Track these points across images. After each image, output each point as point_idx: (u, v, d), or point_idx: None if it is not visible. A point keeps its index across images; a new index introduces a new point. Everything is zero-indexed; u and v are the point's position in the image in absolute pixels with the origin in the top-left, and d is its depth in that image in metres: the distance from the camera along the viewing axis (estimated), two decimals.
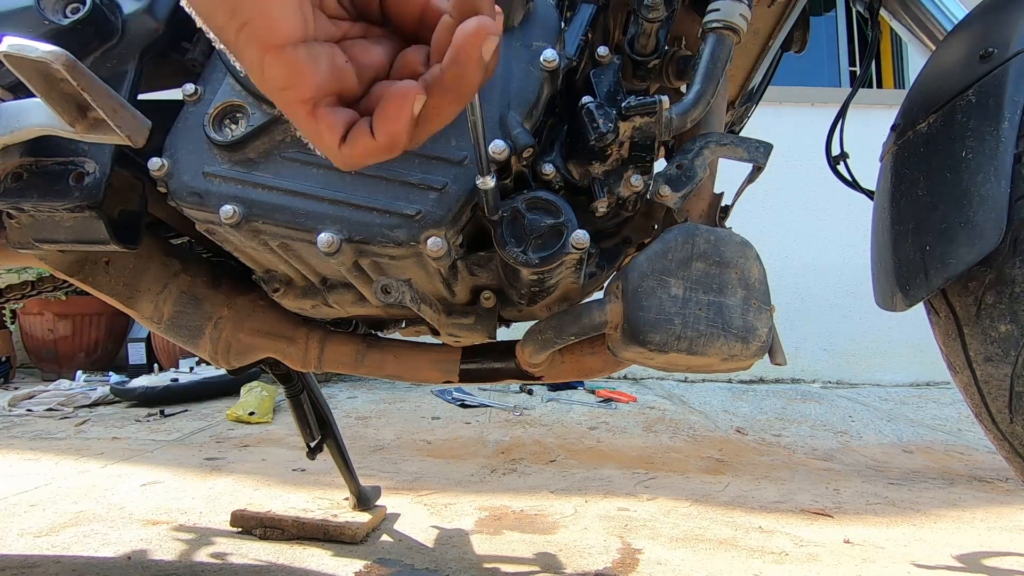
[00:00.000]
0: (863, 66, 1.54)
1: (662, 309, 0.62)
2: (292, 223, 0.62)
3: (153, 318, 0.86)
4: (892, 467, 1.98)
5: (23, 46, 0.43)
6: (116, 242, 0.71)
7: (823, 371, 3.72)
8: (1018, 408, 0.74)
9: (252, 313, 0.87)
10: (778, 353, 0.69)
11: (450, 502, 1.50)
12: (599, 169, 0.65)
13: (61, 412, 2.57)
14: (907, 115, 0.86)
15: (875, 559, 1.21)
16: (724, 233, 0.66)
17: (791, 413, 2.78)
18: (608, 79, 0.66)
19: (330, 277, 0.74)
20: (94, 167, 0.67)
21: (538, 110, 0.62)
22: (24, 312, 3.53)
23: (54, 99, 0.48)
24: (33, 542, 1.20)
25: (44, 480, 1.62)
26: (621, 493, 1.61)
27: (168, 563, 1.12)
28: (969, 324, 0.76)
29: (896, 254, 0.82)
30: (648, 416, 2.63)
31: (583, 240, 0.59)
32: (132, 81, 0.67)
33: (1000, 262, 0.72)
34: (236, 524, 1.26)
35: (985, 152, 0.72)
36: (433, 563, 1.14)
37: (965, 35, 0.84)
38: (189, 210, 0.65)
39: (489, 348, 0.84)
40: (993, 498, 1.66)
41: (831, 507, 1.54)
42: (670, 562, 1.17)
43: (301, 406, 1.19)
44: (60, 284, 1.25)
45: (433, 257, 0.60)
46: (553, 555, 1.19)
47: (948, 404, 3.03)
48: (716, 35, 0.67)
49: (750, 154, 0.71)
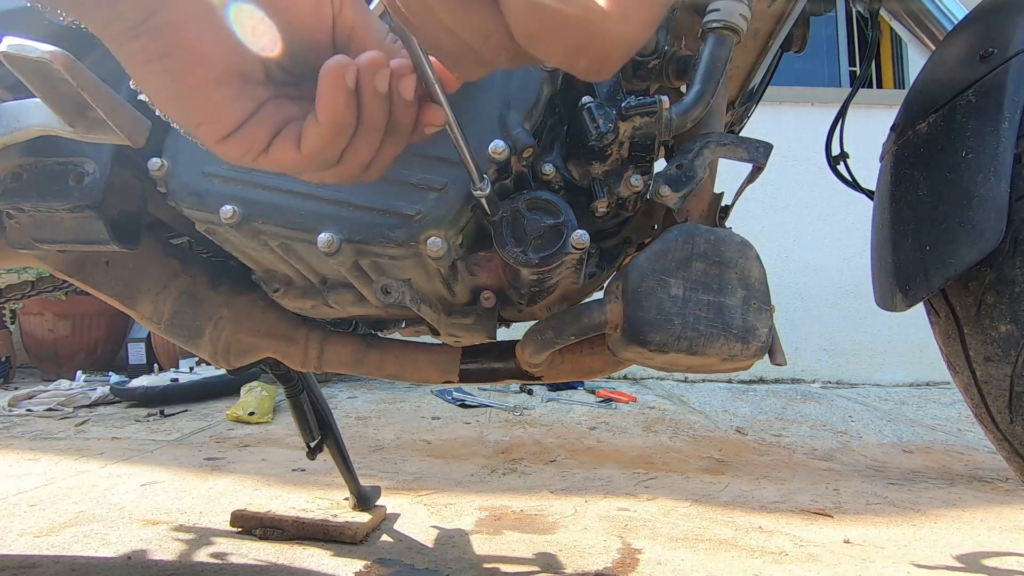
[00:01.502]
0: (863, 66, 1.54)
1: (662, 309, 0.62)
2: (292, 223, 0.62)
3: (153, 318, 0.86)
4: (892, 467, 1.98)
5: (23, 46, 0.43)
6: (116, 242, 0.71)
7: (823, 371, 3.72)
8: (1018, 408, 0.74)
9: (252, 313, 0.87)
10: (778, 353, 0.69)
11: (450, 502, 1.50)
12: (599, 169, 0.65)
13: (61, 412, 2.57)
14: (907, 115, 0.86)
15: (875, 559, 1.21)
16: (724, 233, 0.66)
17: (791, 413, 2.78)
18: (608, 79, 0.66)
19: (330, 277, 0.74)
20: (94, 167, 0.67)
21: (538, 110, 0.62)
22: (24, 312, 3.53)
23: (54, 99, 0.48)
24: (33, 542, 1.20)
25: (44, 480, 1.62)
26: (621, 493, 1.61)
27: (168, 563, 1.12)
28: (969, 324, 0.76)
29: (896, 254, 0.82)
30: (648, 416, 2.63)
31: (583, 240, 0.59)
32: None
33: (1000, 262, 0.72)
34: (236, 524, 1.26)
35: (985, 152, 0.72)
36: (433, 563, 1.14)
37: (965, 35, 0.84)
38: (189, 210, 0.65)
39: (489, 348, 0.84)
40: (993, 498, 1.66)
41: (831, 507, 1.54)
42: (670, 562, 1.17)
43: (301, 406, 1.19)
44: (60, 284, 1.25)
45: (433, 257, 0.60)
46: (553, 555, 1.19)
47: (948, 404, 3.03)
48: (716, 35, 0.67)
49: (750, 154, 0.71)
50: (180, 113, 0.35)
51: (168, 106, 0.35)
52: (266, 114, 0.35)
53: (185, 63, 0.33)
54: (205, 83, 0.34)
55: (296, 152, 0.35)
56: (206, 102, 0.34)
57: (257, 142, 0.35)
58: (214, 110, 0.34)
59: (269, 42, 0.34)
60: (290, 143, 0.35)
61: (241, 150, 0.35)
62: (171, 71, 0.33)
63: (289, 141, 0.35)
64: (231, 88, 0.34)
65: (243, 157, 0.36)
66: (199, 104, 0.34)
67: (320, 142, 0.35)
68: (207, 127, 0.35)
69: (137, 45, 0.33)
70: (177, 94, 0.34)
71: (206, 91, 0.34)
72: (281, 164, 0.36)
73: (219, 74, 0.34)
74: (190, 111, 0.34)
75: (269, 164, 0.36)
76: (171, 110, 0.35)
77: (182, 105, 0.34)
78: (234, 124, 0.35)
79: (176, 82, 0.33)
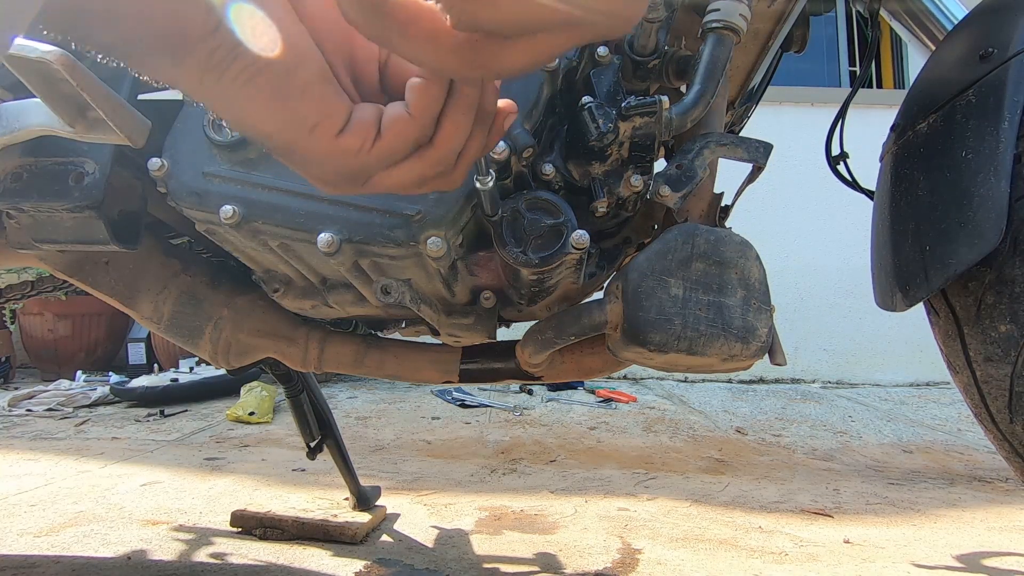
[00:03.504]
0: (863, 66, 1.54)
1: (662, 309, 0.62)
2: (292, 223, 0.62)
3: (153, 318, 0.86)
4: (892, 467, 1.98)
5: (23, 46, 0.43)
6: (116, 242, 0.71)
7: (823, 371, 3.72)
8: (1018, 408, 0.74)
9: (252, 313, 0.87)
10: (778, 353, 0.69)
11: (450, 502, 1.50)
12: (599, 169, 0.65)
13: (61, 412, 2.57)
14: (907, 115, 0.86)
15: (875, 559, 1.21)
16: (724, 233, 0.66)
17: (791, 413, 2.78)
18: (608, 79, 0.66)
19: (330, 277, 0.74)
20: (94, 167, 0.67)
21: (538, 110, 0.62)
22: (24, 312, 3.53)
23: (54, 99, 0.48)
24: (33, 542, 1.20)
25: (44, 480, 1.62)
26: (621, 493, 1.61)
27: (168, 563, 1.12)
28: (969, 324, 0.76)
29: (896, 254, 0.82)
30: (648, 416, 2.63)
31: (583, 240, 0.59)
32: (132, 81, 0.67)
33: (1000, 262, 0.72)
34: (236, 524, 1.26)
35: (985, 152, 0.72)
36: (433, 563, 1.14)
37: (965, 35, 0.84)
38: (189, 210, 0.65)
39: (489, 348, 0.84)
40: (993, 498, 1.66)
41: (831, 507, 1.54)
42: (670, 562, 1.17)
43: (301, 406, 1.19)
44: (60, 284, 1.25)
45: (433, 257, 0.60)
46: (553, 555, 1.19)
47: (948, 404, 3.03)
48: (716, 35, 0.67)
49: (750, 154, 0.71)
50: (291, 122, 0.34)
51: (275, 120, 0.34)
52: (361, 107, 0.35)
53: (286, 67, 0.33)
54: (309, 82, 0.33)
55: (409, 123, 0.35)
56: (316, 100, 0.34)
57: (370, 128, 0.35)
58: (325, 106, 0.34)
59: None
60: (401, 119, 0.35)
61: (358, 140, 0.35)
62: (274, 79, 0.33)
63: (400, 117, 0.35)
64: (331, 83, 0.34)
65: (361, 147, 0.35)
66: (310, 104, 0.33)
67: (432, 103, 0.34)
68: (323, 125, 0.34)
69: (240, 64, 0.32)
70: (284, 102, 0.33)
71: (312, 89, 0.33)
72: (395, 144, 0.35)
73: (318, 71, 0.34)
74: (302, 115, 0.34)
75: (383, 149, 0.35)
76: (279, 123, 0.34)
77: (291, 112, 0.33)
78: (346, 116, 0.34)
79: (282, 89, 0.33)
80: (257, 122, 0.34)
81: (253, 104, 0.33)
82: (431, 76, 0.34)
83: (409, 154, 0.36)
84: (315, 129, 0.34)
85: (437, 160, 0.37)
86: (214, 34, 0.31)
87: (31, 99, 0.54)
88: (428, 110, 0.35)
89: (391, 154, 0.36)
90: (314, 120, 0.34)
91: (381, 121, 0.35)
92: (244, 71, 0.32)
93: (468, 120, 0.36)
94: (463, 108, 0.36)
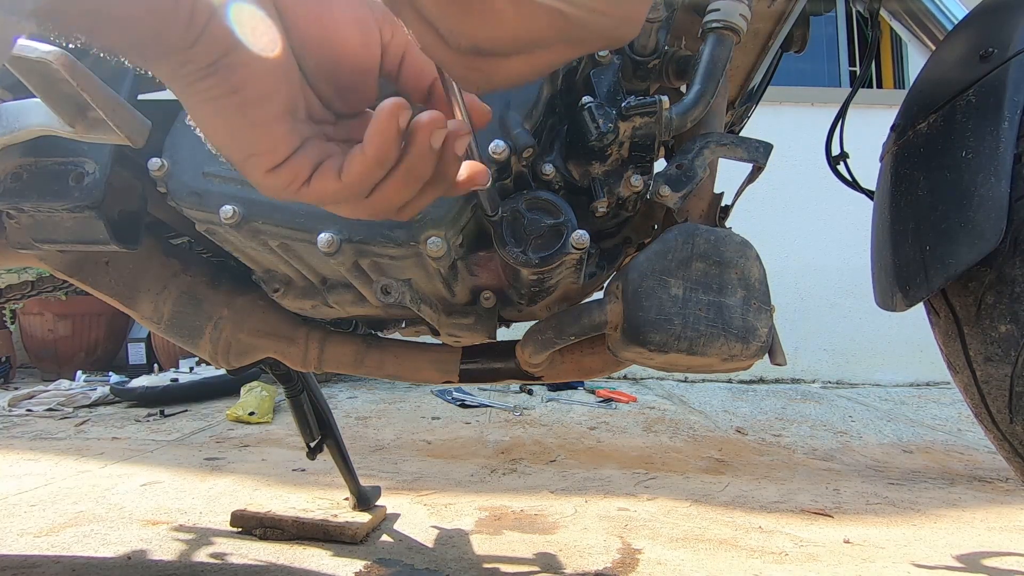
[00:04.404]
0: (863, 66, 1.54)
1: (662, 309, 0.62)
2: (292, 223, 0.62)
3: (153, 318, 0.86)
4: (892, 467, 1.98)
5: (23, 46, 0.43)
6: (116, 242, 0.71)
7: (823, 371, 3.72)
8: (1018, 408, 0.74)
9: (252, 313, 0.87)
10: (778, 353, 0.69)
11: (450, 502, 1.50)
12: (599, 169, 0.65)
13: (61, 412, 2.57)
14: (907, 115, 0.86)
15: (875, 559, 1.21)
16: (724, 233, 0.66)
17: (791, 413, 2.78)
18: (608, 79, 0.66)
19: (330, 277, 0.74)
20: (94, 167, 0.67)
21: (538, 110, 0.62)
22: (24, 312, 3.53)
23: (53, 99, 0.48)
24: (33, 542, 1.20)
25: (44, 480, 1.62)
26: (621, 493, 1.61)
27: (168, 563, 1.12)
28: (969, 324, 0.76)
29: (896, 254, 0.82)
30: (648, 416, 2.63)
31: (583, 240, 0.59)
32: (132, 81, 0.67)
33: (1000, 262, 0.72)
34: (236, 524, 1.26)
35: (985, 152, 0.72)
36: (433, 563, 1.14)
37: (965, 35, 0.84)
38: (189, 210, 0.65)
39: (489, 348, 0.84)
40: (993, 498, 1.66)
41: (831, 507, 1.54)
42: (670, 562, 1.17)
43: (301, 406, 1.19)
44: (60, 284, 1.25)
45: (433, 257, 0.60)
46: (553, 555, 1.19)
47: (948, 404, 3.03)
48: (716, 35, 0.67)
49: (750, 154, 0.71)
50: (235, 145, 0.36)
51: (224, 138, 0.36)
52: (309, 148, 0.37)
53: (252, 99, 0.34)
54: (267, 118, 0.35)
55: (336, 181, 0.36)
56: (265, 136, 0.35)
57: (301, 173, 0.36)
58: (271, 143, 0.36)
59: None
60: (331, 173, 0.36)
61: (286, 180, 0.37)
62: (238, 107, 0.34)
63: (330, 172, 0.36)
64: (287, 123, 0.36)
65: (287, 187, 0.37)
66: (258, 137, 0.35)
67: (363, 172, 0.36)
68: (260, 158, 0.36)
69: (207, 84, 0.34)
70: (238, 128, 0.35)
71: (267, 126, 0.35)
72: (321, 194, 0.37)
73: (280, 110, 0.35)
74: (247, 143, 0.36)
75: (309, 194, 0.37)
76: (226, 141, 0.36)
77: (241, 138, 0.35)
78: (284, 156, 0.36)
79: (241, 117, 0.35)
80: (208, 133, 0.36)
81: (208, 119, 0.35)
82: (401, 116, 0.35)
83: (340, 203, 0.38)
84: (250, 159, 0.36)
85: (372, 212, 0.39)
86: (189, 50, 0.33)
87: (31, 99, 0.54)
88: (362, 179, 0.36)
89: (319, 199, 0.37)
90: (252, 151, 0.36)
91: (319, 166, 0.37)
92: (208, 91, 0.34)
93: (410, 190, 0.38)
94: (408, 180, 0.37)
